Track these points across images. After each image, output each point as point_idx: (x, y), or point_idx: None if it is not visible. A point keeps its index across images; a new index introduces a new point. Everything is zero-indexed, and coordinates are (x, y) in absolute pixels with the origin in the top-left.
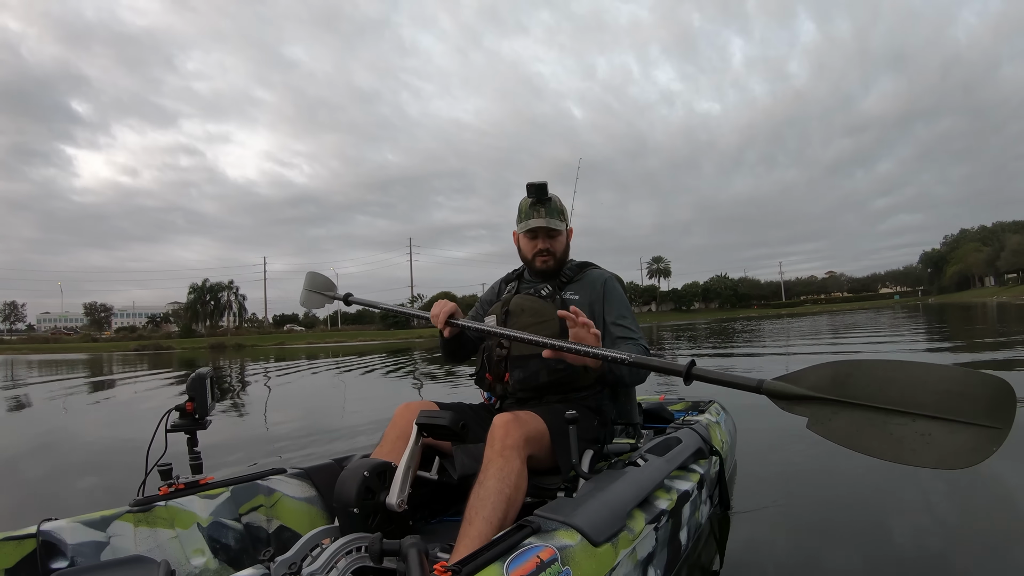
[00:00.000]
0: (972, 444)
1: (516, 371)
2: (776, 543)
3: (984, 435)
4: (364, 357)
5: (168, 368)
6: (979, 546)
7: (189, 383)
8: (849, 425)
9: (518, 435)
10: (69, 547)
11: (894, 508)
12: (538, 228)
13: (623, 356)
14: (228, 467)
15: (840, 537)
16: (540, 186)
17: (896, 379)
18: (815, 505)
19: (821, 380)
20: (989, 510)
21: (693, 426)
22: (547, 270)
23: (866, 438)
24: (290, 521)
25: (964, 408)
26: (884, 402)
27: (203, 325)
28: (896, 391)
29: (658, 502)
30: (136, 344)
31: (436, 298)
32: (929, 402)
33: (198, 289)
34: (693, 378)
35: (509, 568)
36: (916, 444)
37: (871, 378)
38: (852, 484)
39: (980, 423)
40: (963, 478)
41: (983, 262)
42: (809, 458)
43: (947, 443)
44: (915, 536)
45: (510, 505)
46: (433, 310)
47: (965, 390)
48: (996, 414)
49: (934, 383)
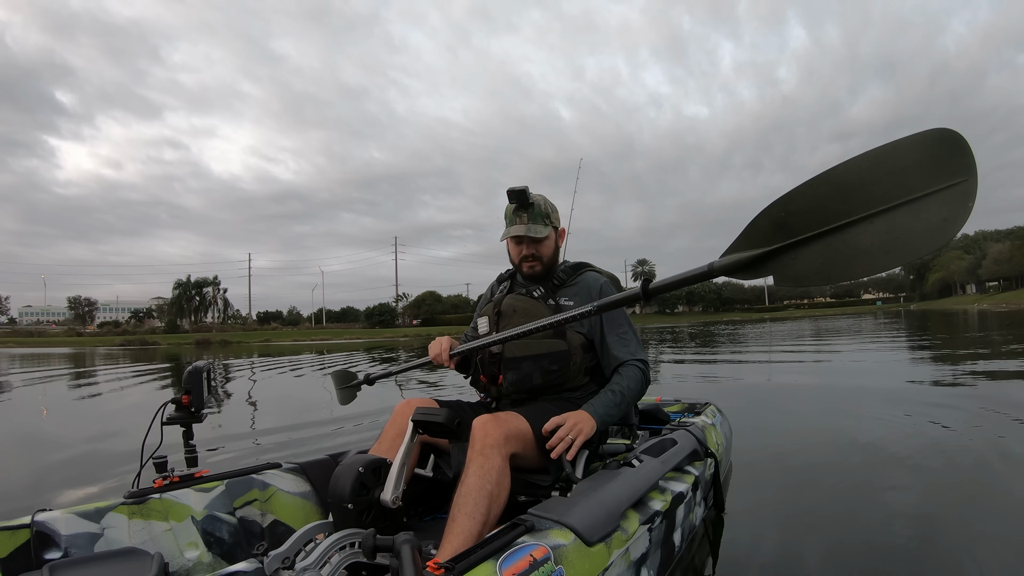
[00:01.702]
0: (944, 211)
1: (509, 373)
2: (770, 546)
3: (952, 195)
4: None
5: (159, 362)
6: (979, 546)
7: (186, 376)
8: (813, 262)
9: (497, 434)
10: (63, 538)
11: (892, 510)
12: (520, 236)
13: None
14: (222, 460)
15: (835, 540)
16: (519, 192)
17: (833, 192)
18: (809, 508)
19: (762, 233)
20: (990, 511)
21: (689, 428)
22: (535, 275)
23: (837, 265)
24: (284, 516)
25: (917, 181)
26: (834, 220)
27: (187, 321)
28: (839, 203)
29: (652, 503)
30: (121, 339)
31: (422, 297)
32: (877, 195)
33: (183, 284)
34: (652, 294)
35: (502, 566)
36: (888, 243)
37: (809, 204)
38: (848, 486)
39: (941, 186)
40: (963, 478)
41: (965, 270)
42: (804, 460)
43: (918, 225)
44: (914, 538)
45: (492, 501)
46: (432, 353)
47: (909, 162)
48: (954, 167)
49: (873, 173)
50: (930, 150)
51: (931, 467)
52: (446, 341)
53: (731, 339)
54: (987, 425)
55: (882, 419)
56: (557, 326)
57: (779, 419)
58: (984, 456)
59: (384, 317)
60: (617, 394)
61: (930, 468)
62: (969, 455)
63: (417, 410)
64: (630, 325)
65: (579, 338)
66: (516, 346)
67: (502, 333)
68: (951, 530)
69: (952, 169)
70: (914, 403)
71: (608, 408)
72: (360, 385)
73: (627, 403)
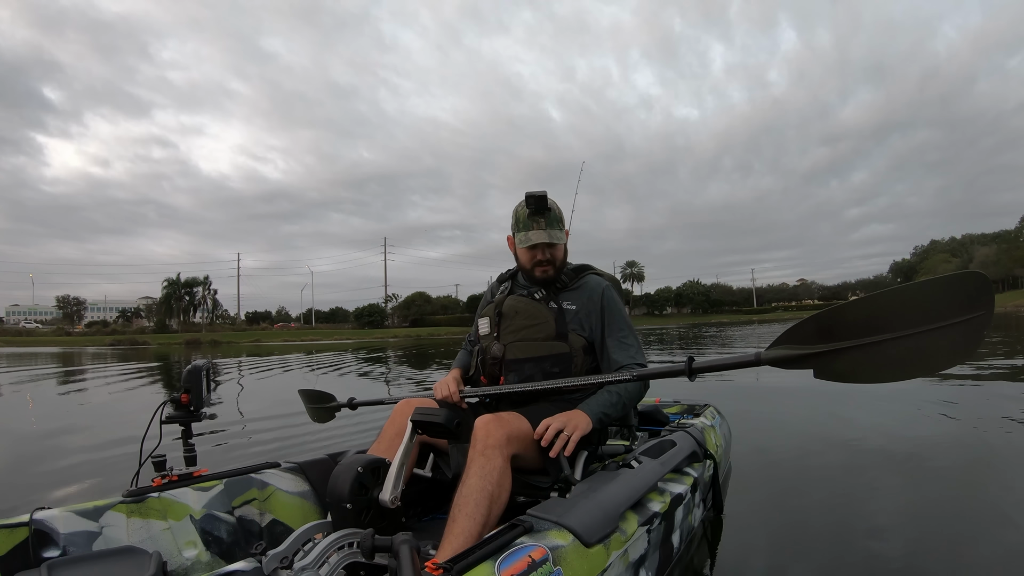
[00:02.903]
0: (965, 338)
1: (511, 374)
2: (768, 548)
3: (973, 325)
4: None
5: (150, 361)
6: (978, 547)
7: (185, 375)
8: (849, 364)
9: (499, 435)
10: (61, 536)
11: (890, 512)
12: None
13: (620, 377)
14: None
15: (833, 542)
16: (539, 197)
17: (875, 311)
18: (808, 510)
19: (809, 334)
20: (991, 512)
21: (688, 429)
22: (547, 279)
23: (868, 370)
24: (283, 515)
25: (945, 312)
26: (874, 334)
27: (176, 321)
28: (880, 321)
29: (651, 504)
30: (111, 339)
31: (411, 298)
32: (912, 320)
33: (173, 284)
34: (695, 373)
35: (500, 567)
36: (915, 358)
37: (854, 318)
38: (846, 489)
39: (965, 317)
40: (964, 479)
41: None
42: (803, 463)
43: (942, 345)
44: (913, 540)
45: (493, 502)
46: (440, 395)
47: (941, 296)
48: (975, 304)
49: (910, 302)
50: (962, 286)
51: (931, 468)
52: (453, 384)
53: (720, 341)
54: (985, 424)
55: (882, 419)
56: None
57: (777, 420)
58: (984, 455)
59: (374, 318)
60: (614, 395)
61: (930, 469)
62: (968, 455)
63: (416, 410)
64: (631, 329)
65: (580, 340)
66: (518, 347)
67: (511, 386)
68: (970, 534)
69: (976, 305)
70: (911, 403)
71: (604, 407)
72: (340, 407)
73: (624, 404)
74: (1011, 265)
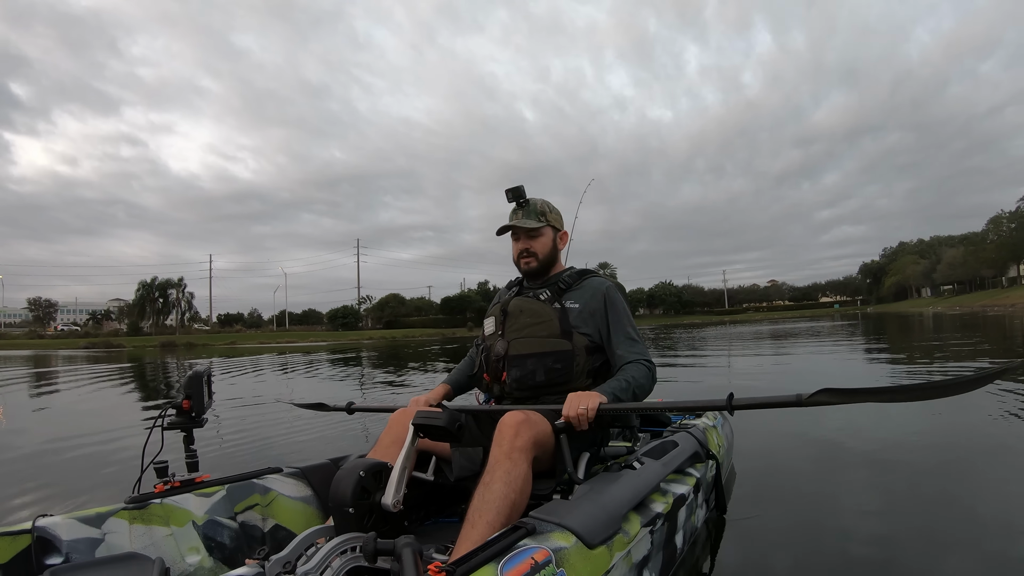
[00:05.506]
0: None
1: (513, 370)
2: (771, 548)
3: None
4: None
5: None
6: (978, 548)
7: (186, 381)
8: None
9: (528, 436)
10: (64, 543)
11: (890, 513)
12: (515, 228)
13: (659, 405)
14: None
15: (835, 543)
16: (516, 188)
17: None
18: (811, 511)
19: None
20: (990, 513)
21: (690, 430)
22: (531, 271)
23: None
24: (285, 520)
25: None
26: None
27: (150, 323)
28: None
29: (654, 505)
30: (85, 342)
31: (385, 300)
32: None
33: (147, 286)
34: (735, 409)
35: (504, 569)
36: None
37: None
38: (849, 490)
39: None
40: (965, 480)
41: (920, 274)
42: (806, 464)
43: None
44: (912, 541)
45: (514, 510)
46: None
47: None
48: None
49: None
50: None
51: (931, 467)
52: (433, 398)
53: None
54: (979, 423)
55: (885, 421)
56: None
57: (779, 421)
58: (982, 455)
59: (347, 319)
60: (623, 381)
61: (930, 468)
62: (969, 454)
63: (418, 414)
64: (635, 328)
65: (584, 340)
66: (521, 344)
67: (496, 407)
68: (969, 535)
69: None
70: (917, 408)
71: (615, 390)
72: (336, 409)
73: (633, 391)
74: (977, 266)
